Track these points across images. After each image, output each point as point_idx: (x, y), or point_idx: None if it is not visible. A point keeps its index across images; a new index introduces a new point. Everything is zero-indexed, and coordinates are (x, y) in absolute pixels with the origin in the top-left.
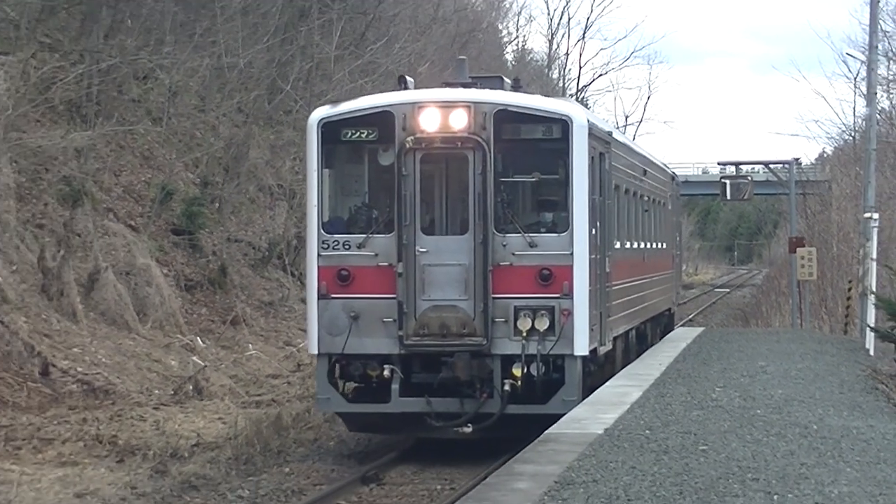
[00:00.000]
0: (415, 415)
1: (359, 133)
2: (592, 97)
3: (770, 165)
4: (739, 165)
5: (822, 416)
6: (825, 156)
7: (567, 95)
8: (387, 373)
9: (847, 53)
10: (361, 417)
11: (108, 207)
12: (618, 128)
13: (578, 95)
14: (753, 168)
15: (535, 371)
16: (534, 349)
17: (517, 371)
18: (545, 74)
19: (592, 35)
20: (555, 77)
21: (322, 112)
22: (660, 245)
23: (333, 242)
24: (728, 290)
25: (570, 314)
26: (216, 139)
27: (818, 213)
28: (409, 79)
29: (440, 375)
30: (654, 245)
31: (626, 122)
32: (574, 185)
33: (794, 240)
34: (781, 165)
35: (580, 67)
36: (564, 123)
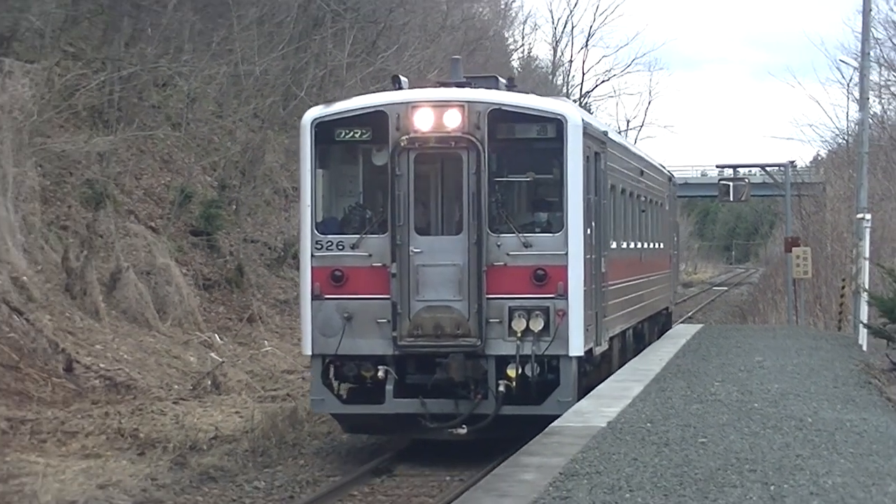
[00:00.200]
0: (409, 416)
1: (352, 133)
2: (595, 103)
3: (766, 168)
4: (737, 168)
5: (817, 410)
6: (819, 159)
7: (571, 101)
8: (381, 374)
9: (840, 60)
10: (356, 418)
11: (130, 209)
12: (619, 132)
13: (582, 101)
14: (750, 171)
15: (530, 372)
16: (528, 350)
17: (512, 372)
18: (550, 81)
19: (595, 43)
20: (559, 83)
21: (315, 112)
22: (657, 245)
23: (327, 243)
24: (726, 289)
25: (565, 314)
26: (233, 144)
27: (813, 214)
28: (404, 78)
29: (434, 376)
30: (652, 245)
31: (628, 127)
32: (569, 185)
33: (790, 240)
34: (777, 168)
35: (583, 74)
36: (559, 123)
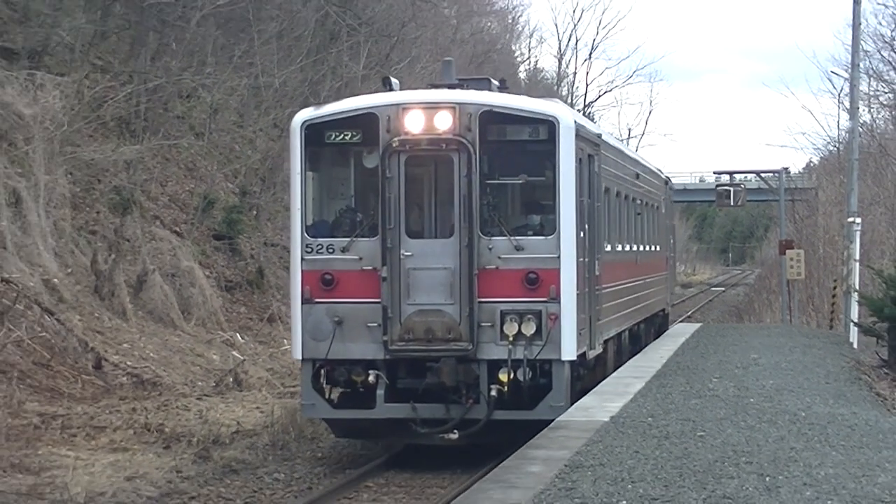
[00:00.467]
0: (400, 421)
1: (343, 135)
2: (598, 112)
3: (761, 174)
4: (733, 174)
5: (810, 405)
6: (812, 165)
7: (575, 111)
8: (372, 378)
9: (832, 71)
10: (347, 423)
11: (155, 215)
12: (621, 140)
13: (585, 111)
14: (746, 176)
15: (522, 376)
16: (520, 354)
17: (504, 376)
18: (555, 92)
19: (598, 55)
20: (564, 94)
21: (305, 114)
22: (653, 247)
23: (317, 246)
24: (723, 289)
25: (558, 318)
26: (253, 152)
27: (806, 218)
28: (395, 80)
29: (425, 381)
30: (648, 247)
31: (630, 135)
32: (561, 187)
33: (784, 242)
34: (772, 174)
35: (587, 85)
36: (551, 124)
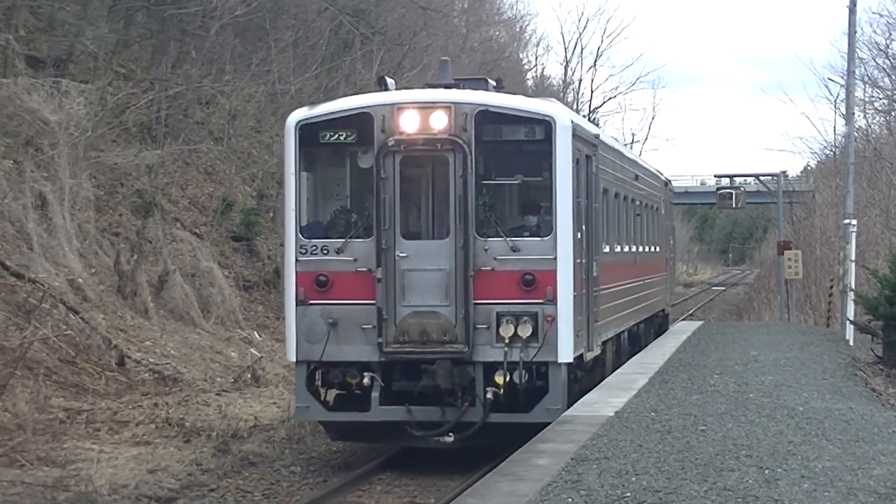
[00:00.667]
0: (396, 424)
1: (337, 135)
2: (603, 117)
3: (760, 177)
4: (733, 177)
5: (808, 400)
6: (809, 169)
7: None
8: (366, 380)
9: (828, 78)
10: (342, 426)
11: (176, 217)
12: (625, 144)
13: (591, 116)
14: (746, 180)
15: (518, 379)
16: (517, 356)
17: (500, 379)
18: (561, 98)
19: (603, 63)
20: (570, 100)
21: (300, 114)
22: (653, 248)
23: (311, 247)
24: (724, 289)
25: (554, 320)
26: (270, 156)
27: (803, 220)
28: (390, 80)
29: (421, 383)
30: (647, 248)
31: (634, 140)
32: (558, 188)
33: (782, 243)
34: (770, 177)
35: (592, 91)
36: (547, 124)
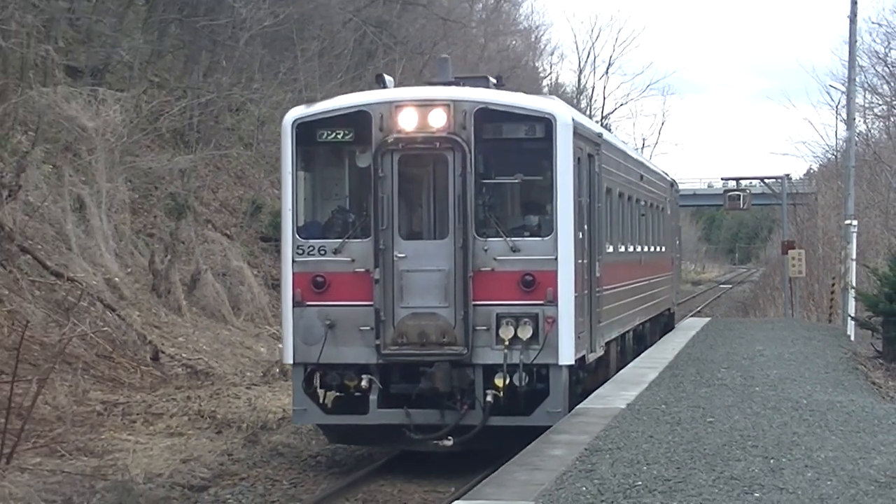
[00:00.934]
0: (394, 427)
1: (335, 134)
2: (615, 123)
3: (765, 180)
4: (739, 180)
5: (811, 393)
6: (812, 172)
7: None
8: (364, 383)
9: (830, 85)
10: (340, 429)
11: (207, 219)
12: (636, 148)
13: (603, 122)
14: (751, 182)
15: (519, 381)
16: (517, 358)
17: (499, 381)
18: (575, 104)
19: (614, 71)
20: (583, 106)
21: (297, 112)
22: (658, 248)
23: (308, 248)
24: (730, 286)
25: (555, 322)
26: None
27: (806, 221)
28: (389, 78)
29: (419, 386)
30: (652, 248)
31: (644, 145)
32: (558, 187)
33: (786, 243)
34: (775, 180)
35: (604, 98)
36: (548, 122)
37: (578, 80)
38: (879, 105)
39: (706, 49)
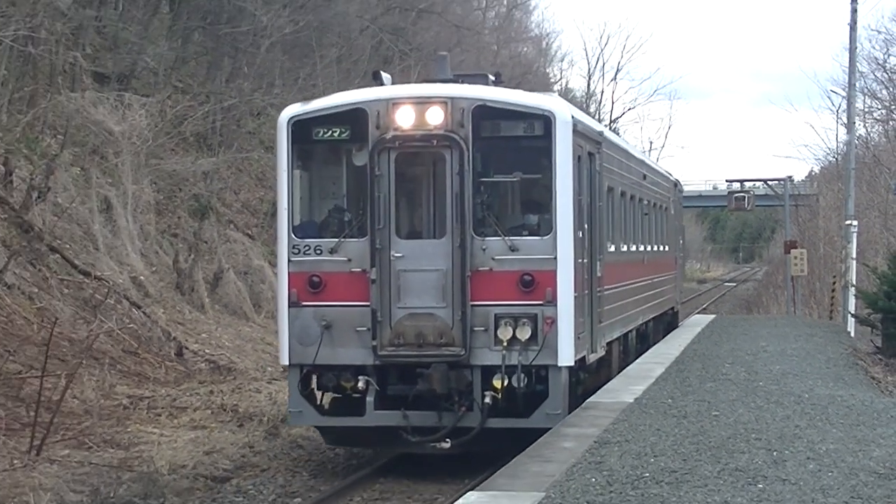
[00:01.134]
0: (391, 429)
1: (331, 132)
2: (623, 127)
3: (768, 182)
4: (743, 182)
5: (813, 387)
6: (813, 174)
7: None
8: (361, 384)
9: (831, 90)
10: (337, 431)
11: (230, 219)
12: (643, 151)
13: (611, 126)
14: (755, 184)
15: (517, 383)
16: (515, 360)
17: (498, 383)
18: (584, 108)
19: (623, 76)
20: (592, 110)
21: (292, 110)
22: (662, 248)
23: (304, 247)
24: (735, 284)
25: (554, 322)
26: None
27: (808, 221)
28: (386, 75)
29: (416, 388)
30: (656, 248)
31: (651, 148)
32: (557, 186)
33: (789, 242)
34: (778, 182)
35: (612, 103)
36: (547, 119)
37: (588, 86)
38: (878, 109)
39: (711, 55)
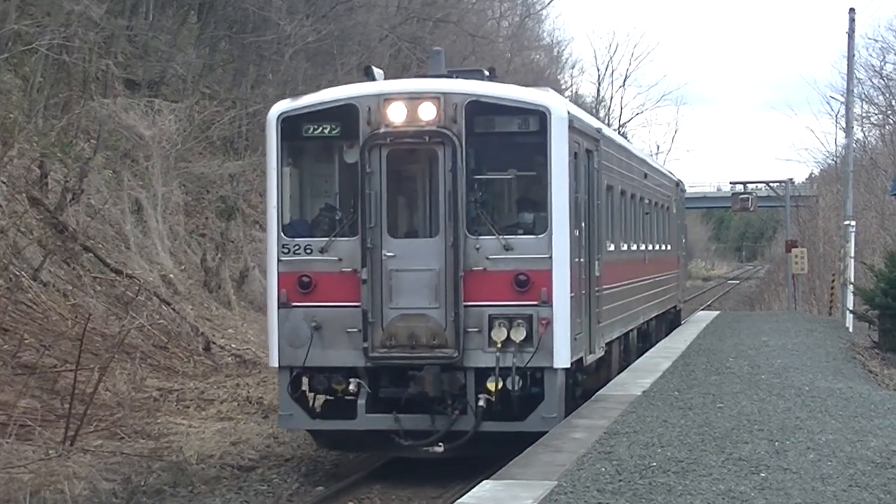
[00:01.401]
0: (383, 432)
1: (321, 128)
2: (631, 131)
3: (770, 184)
4: (746, 184)
5: (813, 380)
6: (813, 176)
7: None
8: (352, 387)
9: (830, 96)
10: (329, 434)
11: (255, 220)
12: (650, 155)
13: (620, 131)
14: (757, 186)
15: (512, 385)
16: (510, 361)
17: (492, 385)
18: (594, 114)
19: (631, 83)
20: (601, 115)
21: (282, 106)
22: (664, 247)
23: (294, 247)
24: (738, 282)
25: (550, 323)
26: None
27: (808, 221)
28: (378, 70)
29: (408, 390)
30: (657, 247)
31: (658, 151)
32: (553, 183)
33: (790, 242)
34: (779, 184)
35: (621, 108)
36: (542, 115)
37: (597, 92)
38: (875, 114)
39: (715, 63)
